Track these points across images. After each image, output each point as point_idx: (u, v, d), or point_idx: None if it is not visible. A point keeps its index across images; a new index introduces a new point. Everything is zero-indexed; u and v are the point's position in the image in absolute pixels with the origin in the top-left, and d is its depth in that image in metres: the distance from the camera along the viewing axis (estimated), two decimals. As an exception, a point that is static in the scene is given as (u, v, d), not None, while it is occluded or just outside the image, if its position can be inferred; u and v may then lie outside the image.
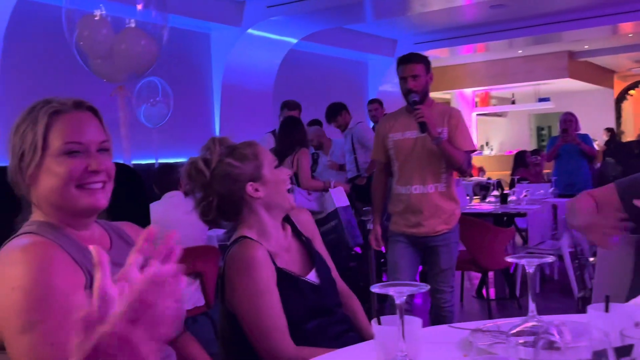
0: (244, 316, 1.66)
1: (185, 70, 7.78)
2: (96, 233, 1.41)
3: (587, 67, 14.27)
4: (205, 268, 3.88)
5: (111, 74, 3.85)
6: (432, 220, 3.31)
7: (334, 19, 8.20)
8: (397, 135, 3.38)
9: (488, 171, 12.59)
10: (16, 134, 1.30)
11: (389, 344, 1.05)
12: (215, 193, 1.71)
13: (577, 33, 10.29)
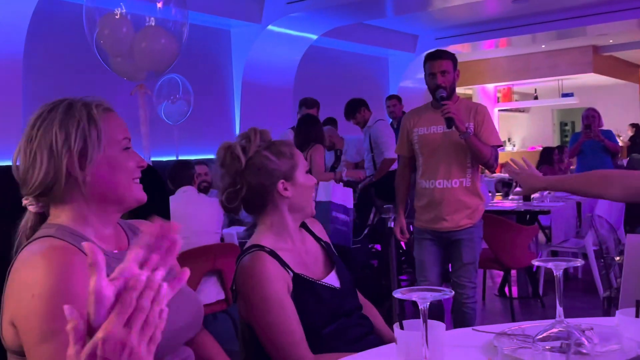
0: (257, 330, 1.64)
1: (206, 67, 7.80)
2: (116, 232, 1.40)
3: (612, 62, 14.05)
4: (225, 265, 3.89)
5: (131, 72, 3.86)
6: (456, 216, 3.31)
7: (354, 15, 8.15)
8: (422, 130, 3.38)
9: (510, 167, 12.45)
10: (60, 132, 1.28)
11: (412, 349, 1.03)
12: (246, 182, 1.68)
13: (602, 27, 10.12)
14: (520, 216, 5.37)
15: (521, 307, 5.21)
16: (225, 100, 8.14)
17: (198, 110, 6.88)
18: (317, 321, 1.66)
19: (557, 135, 17.42)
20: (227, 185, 1.71)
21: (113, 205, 1.36)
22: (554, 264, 1.19)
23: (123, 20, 3.78)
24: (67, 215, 1.32)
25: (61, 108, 1.31)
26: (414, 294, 0.95)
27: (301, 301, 1.65)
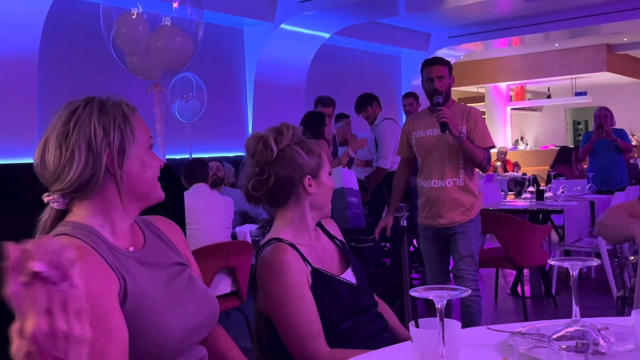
0: (276, 321, 1.65)
1: (219, 65, 7.83)
2: (132, 229, 1.42)
3: (626, 60, 13.96)
4: (238, 263, 3.92)
5: (147, 71, 3.89)
6: (451, 213, 3.55)
7: (367, 13, 8.15)
8: (419, 133, 3.64)
9: (523, 166, 12.41)
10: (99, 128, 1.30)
11: (428, 347, 1.03)
12: (274, 173, 1.71)
13: (616, 25, 10.05)
14: (533, 215, 5.35)
15: (533, 306, 5.20)
16: (238, 99, 8.17)
17: (211, 108, 6.91)
18: (333, 316, 1.68)
19: (570, 135, 17.32)
20: (255, 174, 1.73)
21: (138, 202, 1.39)
22: (570, 263, 1.19)
23: (139, 20, 3.82)
24: (88, 212, 1.33)
25: (95, 105, 1.33)
26: (431, 292, 0.96)
27: (319, 295, 1.67)
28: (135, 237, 1.42)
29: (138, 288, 1.28)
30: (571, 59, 13.02)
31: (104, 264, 1.26)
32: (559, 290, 5.36)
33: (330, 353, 1.59)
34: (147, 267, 1.36)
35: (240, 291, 4.02)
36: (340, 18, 8.06)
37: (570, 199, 5.65)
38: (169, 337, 1.29)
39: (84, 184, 1.29)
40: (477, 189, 3.65)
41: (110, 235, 1.34)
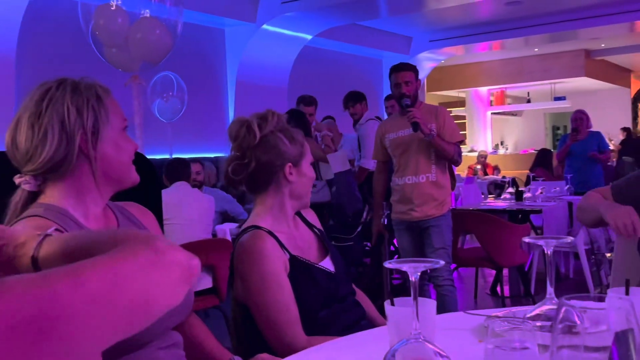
0: (254, 308, 1.65)
1: (200, 65, 7.80)
2: (105, 212, 1.40)
3: (604, 66, 14.15)
4: (218, 261, 3.89)
5: (126, 63, 3.87)
6: (424, 207, 3.76)
7: (349, 15, 8.17)
8: (392, 135, 3.86)
9: (503, 170, 12.50)
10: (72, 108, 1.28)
11: (402, 324, 1.03)
12: (255, 158, 1.70)
13: (594, 31, 10.18)
14: (512, 215, 5.39)
15: (513, 306, 5.21)
16: (220, 99, 8.14)
17: (192, 108, 6.88)
18: (312, 304, 1.67)
19: (549, 139, 17.50)
20: (235, 158, 1.72)
21: (112, 184, 1.37)
22: (544, 241, 1.20)
23: (119, 12, 3.80)
24: (60, 194, 1.31)
25: (68, 86, 1.31)
26: (405, 264, 0.96)
27: (297, 283, 1.66)
28: (108, 220, 1.40)
29: None
30: (550, 64, 13.17)
31: None
32: (537, 290, 5.40)
33: (307, 340, 1.59)
34: None
35: (220, 289, 4.00)
36: (322, 20, 8.08)
37: (548, 199, 5.70)
38: None
39: (57, 164, 1.28)
40: (448, 183, 3.88)
41: (83, 217, 1.32)
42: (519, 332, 1.08)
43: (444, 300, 3.71)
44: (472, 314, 1.47)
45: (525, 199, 5.72)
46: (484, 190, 9.45)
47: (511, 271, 5.39)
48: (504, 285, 5.32)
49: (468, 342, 1.32)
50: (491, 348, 1.01)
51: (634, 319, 0.87)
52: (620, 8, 9.21)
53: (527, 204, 5.57)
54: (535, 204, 5.51)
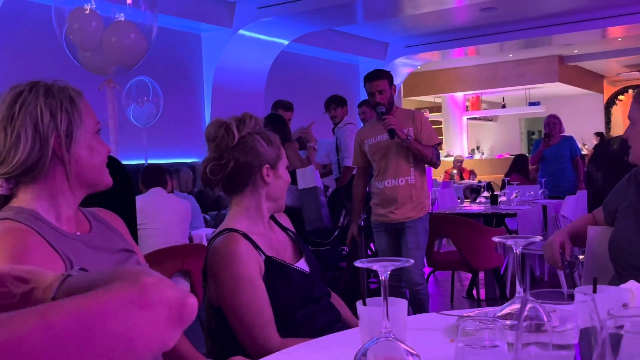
0: (227, 311, 1.64)
1: (176, 70, 7.76)
2: (77, 215, 1.40)
3: (577, 72, 14.36)
4: (194, 266, 3.87)
5: (100, 67, 3.83)
6: (403, 209, 3.84)
7: (325, 21, 8.20)
8: (370, 140, 3.93)
9: (479, 174, 12.62)
10: (46, 111, 1.27)
11: (374, 324, 1.04)
12: (234, 158, 1.71)
13: (567, 37, 10.34)
14: (487, 219, 5.44)
15: (489, 308, 5.26)
16: (196, 105, 8.10)
17: (168, 113, 6.83)
18: (288, 304, 1.68)
19: (524, 144, 17.70)
20: (213, 158, 1.72)
21: (86, 187, 1.37)
22: (513, 240, 1.22)
23: (93, 15, 3.76)
24: (33, 197, 1.30)
25: (41, 89, 1.30)
26: (375, 263, 0.96)
27: (273, 284, 1.67)
28: (80, 223, 1.40)
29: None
30: (525, 69, 13.33)
31: (48, 247, 1.24)
32: (513, 293, 5.43)
33: (281, 342, 1.59)
34: (95, 250, 1.34)
35: (197, 295, 3.97)
36: (299, 25, 8.09)
37: (523, 203, 5.76)
38: None
39: (30, 167, 1.27)
40: (426, 186, 3.97)
41: (55, 219, 1.32)
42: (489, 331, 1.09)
43: (418, 298, 3.82)
44: (445, 314, 1.49)
45: (500, 203, 5.77)
46: (460, 195, 9.52)
47: (487, 274, 5.43)
48: (480, 289, 5.37)
49: (440, 342, 1.33)
50: (461, 347, 1.02)
51: (596, 317, 0.88)
52: (593, 15, 9.36)
53: (502, 207, 5.63)
54: (510, 207, 5.57)
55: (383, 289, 0.97)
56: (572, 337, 1.11)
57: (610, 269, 1.97)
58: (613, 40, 11.35)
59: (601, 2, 8.86)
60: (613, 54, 12.84)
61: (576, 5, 9.01)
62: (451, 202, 7.05)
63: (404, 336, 1.08)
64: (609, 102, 16.23)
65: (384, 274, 0.97)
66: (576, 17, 9.48)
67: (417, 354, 1.01)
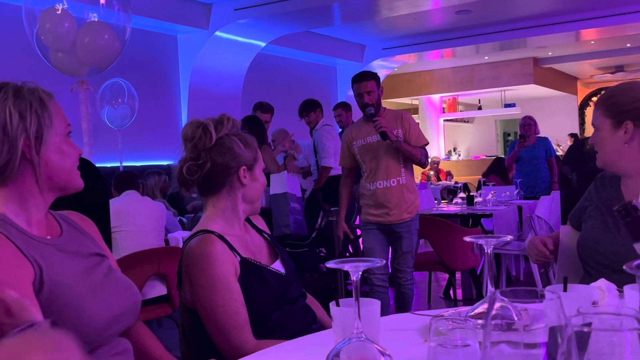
0: (202, 312, 1.63)
1: (152, 72, 7.70)
2: (47, 219, 1.38)
3: (552, 74, 14.54)
4: (170, 269, 3.85)
5: (73, 68, 3.78)
6: (397, 210, 3.85)
7: (302, 23, 8.20)
8: (360, 141, 3.91)
9: (455, 176, 12.71)
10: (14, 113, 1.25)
11: (347, 324, 1.04)
12: (211, 159, 1.70)
13: (541, 39, 10.47)
14: (464, 219, 5.48)
15: (465, 309, 5.30)
16: (172, 107, 8.05)
17: (143, 116, 6.78)
18: (263, 306, 1.67)
19: (500, 145, 17.87)
20: (190, 158, 1.71)
21: (56, 190, 1.35)
22: (484, 240, 1.23)
23: (65, 15, 3.70)
24: (2, 200, 1.29)
25: (10, 90, 1.28)
26: (347, 264, 0.96)
27: (249, 285, 1.66)
28: (51, 227, 1.38)
29: (56, 275, 1.25)
30: (500, 71, 13.47)
31: (17, 252, 1.22)
32: (489, 293, 5.49)
33: (256, 344, 1.58)
34: (66, 254, 1.33)
35: (173, 298, 3.95)
36: (276, 27, 8.08)
37: (499, 204, 5.81)
38: (90, 324, 1.26)
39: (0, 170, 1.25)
40: (415, 186, 4.00)
41: (25, 223, 1.30)
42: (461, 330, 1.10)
43: (404, 297, 3.92)
44: (419, 314, 1.49)
45: (476, 204, 5.82)
46: (437, 196, 9.58)
47: (464, 275, 5.47)
48: (457, 289, 5.41)
49: (413, 342, 1.33)
50: (434, 346, 1.03)
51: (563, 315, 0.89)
52: (567, 18, 9.50)
53: (478, 208, 5.67)
54: (486, 208, 5.62)
55: (355, 290, 0.98)
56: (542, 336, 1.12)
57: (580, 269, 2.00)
58: (586, 42, 11.52)
59: (575, 5, 8.99)
60: (586, 56, 13.02)
61: (550, 8, 9.13)
62: (428, 203, 7.09)
63: (376, 336, 1.08)
64: (583, 103, 16.46)
65: (355, 275, 0.97)
66: (550, 20, 9.61)
67: (389, 354, 1.02)
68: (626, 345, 0.74)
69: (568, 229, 2.09)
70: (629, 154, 1.83)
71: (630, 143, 1.82)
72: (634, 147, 1.82)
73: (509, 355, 0.92)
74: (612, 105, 1.85)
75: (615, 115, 1.83)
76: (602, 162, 1.91)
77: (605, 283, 1.39)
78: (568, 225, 2.11)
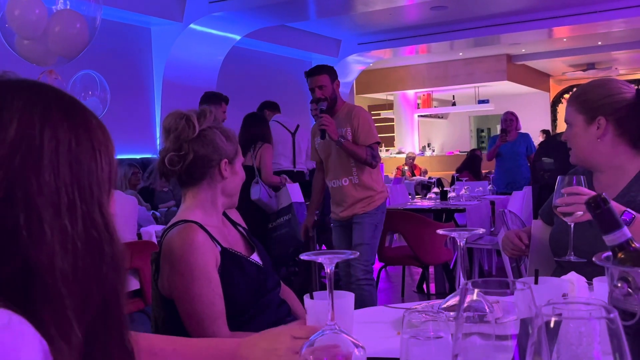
0: (178, 301, 1.63)
1: (125, 65, 7.60)
2: None
3: (525, 71, 14.70)
4: (143, 263, 3.81)
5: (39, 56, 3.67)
6: (350, 208, 3.80)
7: (277, 16, 8.17)
8: (318, 139, 3.84)
9: (430, 171, 12.80)
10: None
11: (321, 316, 1.04)
12: (193, 150, 1.70)
13: (515, 36, 10.58)
14: (437, 214, 5.53)
15: (438, 302, 5.34)
16: (145, 99, 7.96)
17: (116, 108, 6.68)
18: (242, 296, 1.69)
19: (474, 141, 18.04)
20: (172, 149, 1.71)
21: None
22: (457, 233, 1.24)
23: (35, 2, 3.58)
24: None
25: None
26: (320, 256, 0.96)
27: (229, 275, 1.67)
28: None
29: None
30: (474, 68, 13.57)
31: None
32: (462, 287, 5.54)
33: (230, 336, 1.58)
34: None
35: (146, 292, 3.91)
36: (251, 20, 8.04)
37: (472, 199, 5.87)
38: None
39: None
40: (376, 183, 3.83)
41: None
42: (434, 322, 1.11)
43: (360, 295, 3.66)
44: (392, 307, 1.50)
45: (449, 199, 5.87)
46: (412, 191, 9.65)
47: (437, 269, 5.52)
48: (430, 283, 5.45)
49: (387, 334, 1.34)
50: (406, 338, 1.03)
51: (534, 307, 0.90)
52: (540, 15, 9.61)
53: (452, 203, 5.72)
54: (459, 203, 5.67)
55: (329, 282, 0.98)
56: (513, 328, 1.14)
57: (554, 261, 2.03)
58: (559, 40, 11.67)
59: (548, 3, 9.10)
60: (558, 53, 13.19)
61: (524, 6, 9.22)
62: (402, 198, 7.14)
63: (350, 328, 1.09)
64: (555, 100, 16.68)
65: (330, 267, 0.97)
66: (524, 17, 9.71)
67: (362, 346, 1.02)
68: (594, 335, 0.75)
69: (539, 224, 2.12)
70: (602, 149, 1.85)
71: (602, 138, 1.84)
72: (606, 142, 1.84)
73: (480, 346, 0.93)
74: (584, 101, 1.87)
75: (588, 111, 1.85)
76: (575, 158, 1.93)
77: (575, 276, 1.41)
78: (539, 219, 2.14)
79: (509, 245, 2.07)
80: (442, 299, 4.55)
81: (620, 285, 0.86)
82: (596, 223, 0.99)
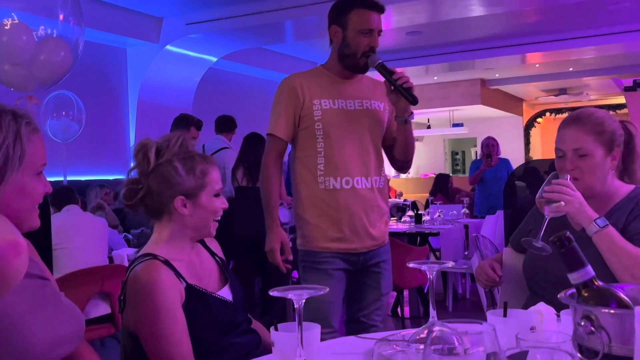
0: (144, 340, 1.59)
1: (100, 85, 7.57)
2: None
3: (498, 95, 14.91)
4: (114, 288, 3.75)
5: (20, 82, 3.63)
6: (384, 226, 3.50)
7: (254, 39, 8.20)
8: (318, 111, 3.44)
9: (405, 193, 12.86)
10: None
11: (287, 350, 1.03)
12: (147, 185, 1.67)
13: (489, 61, 10.75)
14: (411, 238, 5.54)
15: (413, 326, 5.34)
16: (120, 120, 7.91)
17: (91, 129, 6.64)
18: (207, 333, 1.64)
19: (448, 164, 18.19)
20: (131, 182, 1.69)
21: None
22: (427, 266, 1.24)
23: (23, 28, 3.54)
24: None
25: None
26: (290, 292, 0.96)
27: (193, 312, 1.62)
28: None
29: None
30: (449, 92, 13.73)
31: None
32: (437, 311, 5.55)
33: None
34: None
35: (116, 317, 3.85)
36: (228, 42, 8.06)
37: (446, 222, 5.90)
38: (33, 345, 1.23)
39: None
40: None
41: None
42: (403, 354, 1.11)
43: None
44: (364, 338, 1.49)
45: (424, 222, 5.89)
46: (387, 213, 9.68)
47: (411, 293, 5.52)
48: (404, 307, 5.44)
49: (357, 366, 1.33)
50: (376, 371, 1.03)
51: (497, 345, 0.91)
52: (513, 41, 9.79)
53: (426, 226, 5.75)
54: (433, 226, 5.69)
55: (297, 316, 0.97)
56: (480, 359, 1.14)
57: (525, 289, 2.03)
58: (531, 65, 11.88)
59: (521, 29, 9.27)
60: (531, 78, 13.42)
61: (497, 32, 9.38)
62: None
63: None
64: (528, 124, 16.93)
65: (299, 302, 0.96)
66: (497, 43, 9.88)
67: (330, 382, 1.01)
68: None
69: (510, 252, 2.13)
70: (608, 180, 1.87)
71: (613, 170, 1.87)
72: (612, 174, 1.87)
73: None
74: (603, 132, 1.83)
75: (607, 143, 1.83)
76: (587, 189, 1.83)
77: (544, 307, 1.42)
78: (509, 247, 2.15)
79: (483, 277, 2.07)
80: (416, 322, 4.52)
81: (584, 324, 0.86)
82: (562, 261, 1.00)
